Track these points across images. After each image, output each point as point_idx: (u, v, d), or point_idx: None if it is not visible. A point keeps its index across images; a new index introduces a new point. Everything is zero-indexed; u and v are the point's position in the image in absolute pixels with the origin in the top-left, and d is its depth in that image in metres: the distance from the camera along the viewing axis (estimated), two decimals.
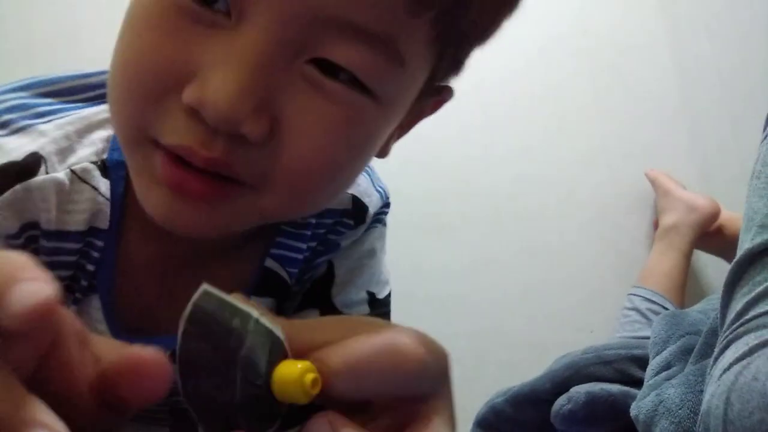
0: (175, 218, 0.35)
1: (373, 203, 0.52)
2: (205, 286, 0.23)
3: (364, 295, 0.53)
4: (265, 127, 0.32)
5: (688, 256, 1.17)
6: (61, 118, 0.42)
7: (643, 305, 1.10)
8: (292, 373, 0.23)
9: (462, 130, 1.28)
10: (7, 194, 0.39)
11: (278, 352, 0.23)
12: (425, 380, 0.25)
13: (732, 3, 1.46)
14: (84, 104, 0.44)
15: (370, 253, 0.54)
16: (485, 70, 1.33)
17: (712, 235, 1.19)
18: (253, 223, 0.39)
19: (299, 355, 0.24)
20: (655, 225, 1.28)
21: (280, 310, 0.51)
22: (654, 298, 1.10)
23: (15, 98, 0.43)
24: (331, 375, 0.23)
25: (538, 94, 1.34)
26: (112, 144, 0.43)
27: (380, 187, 0.55)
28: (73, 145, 0.42)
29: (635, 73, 1.39)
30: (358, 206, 0.51)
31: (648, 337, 1.00)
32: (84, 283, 0.43)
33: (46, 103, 0.43)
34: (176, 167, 0.33)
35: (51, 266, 0.40)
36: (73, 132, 0.42)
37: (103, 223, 0.42)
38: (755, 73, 1.41)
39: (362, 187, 0.52)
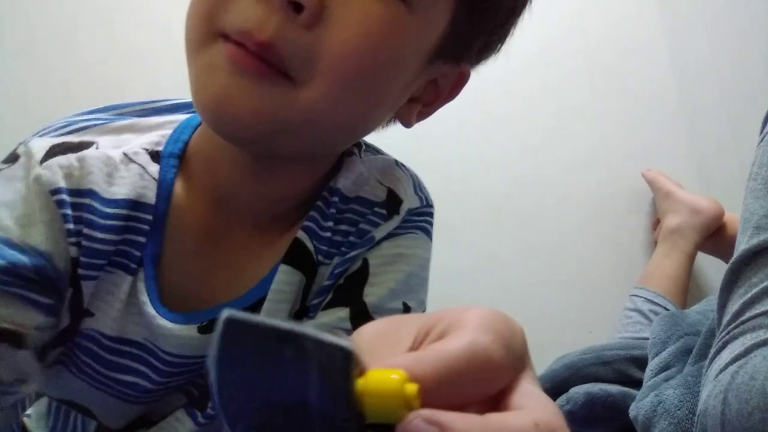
0: (227, 96, 0.39)
1: (409, 200, 0.54)
2: (227, 313, 0.19)
3: (399, 305, 0.51)
4: (317, 3, 0.38)
5: (691, 258, 1.17)
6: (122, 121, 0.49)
7: (645, 306, 1.10)
8: (389, 385, 0.19)
9: (461, 130, 1.28)
10: (62, 158, 0.44)
11: (354, 367, 0.20)
12: (509, 372, 0.24)
13: (731, 3, 1.46)
14: (148, 115, 0.51)
15: (408, 258, 0.53)
16: (484, 70, 1.33)
17: (712, 236, 1.19)
18: (294, 129, 0.42)
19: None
20: (654, 225, 1.28)
21: (306, 291, 0.51)
22: (656, 300, 1.10)
23: (93, 118, 0.50)
24: (423, 386, 0.21)
25: (537, 95, 1.34)
26: (168, 140, 0.49)
27: (423, 194, 0.57)
28: (127, 138, 0.48)
29: (634, 73, 1.39)
30: (392, 198, 0.53)
31: (648, 338, 1.01)
32: (136, 253, 0.46)
33: (119, 118, 0.50)
34: (238, 47, 0.39)
35: (104, 229, 0.45)
36: (128, 128, 0.49)
37: (150, 198, 0.46)
38: (754, 74, 1.41)
39: (401, 183, 0.55)
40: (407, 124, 0.52)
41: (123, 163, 0.46)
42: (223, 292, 0.50)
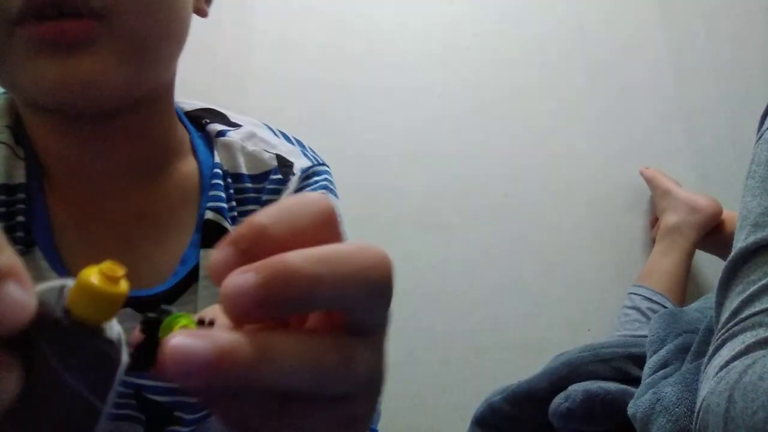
0: (68, 76, 0.40)
1: (299, 162, 0.57)
2: None
3: None
4: None
5: (690, 256, 1.17)
6: None
7: (644, 304, 1.10)
8: (85, 277, 0.19)
9: (458, 128, 1.28)
10: None
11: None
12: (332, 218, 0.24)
13: (731, 4, 1.46)
14: None
15: None
16: (481, 68, 1.33)
17: (710, 234, 1.19)
18: (134, 61, 0.43)
19: None
20: (652, 223, 1.28)
21: None
22: (655, 298, 1.10)
23: None
24: (266, 230, 0.22)
25: (535, 93, 1.34)
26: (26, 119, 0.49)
27: (313, 155, 0.60)
28: None
29: (631, 70, 1.39)
30: (282, 162, 0.57)
31: (647, 336, 1.01)
32: (21, 234, 0.47)
33: None
34: (45, 22, 0.39)
35: None
36: None
37: (20, 177, 0.47)
38: (752, 71, 1.41)
39: (285, 148, 0.58)
40: (203, 14, 0.54)
41: None
42: (135, 279, 0.49)
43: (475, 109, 1.30)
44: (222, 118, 0.59)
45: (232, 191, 0.54)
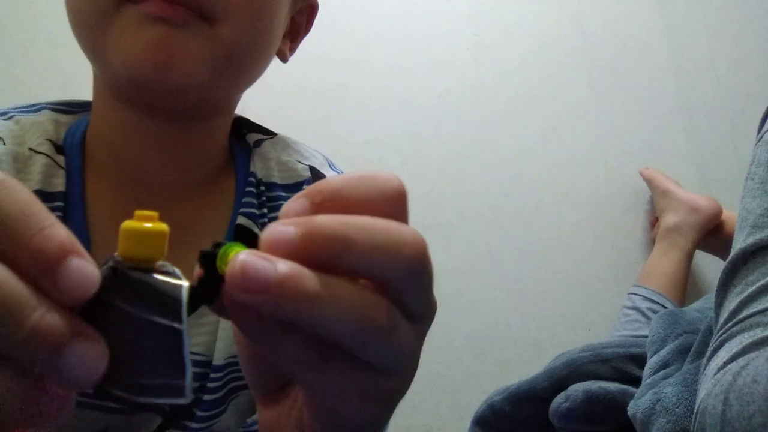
0: (171, 46, 0.43)
1: (329, 174, 0.59)
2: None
3: None
4: None
5: (690, 257, 1.17)
6: (11, 117, 0.50)
7: (644, 304, 1.10)
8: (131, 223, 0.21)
9: (459, 129, 1.28)
10: None
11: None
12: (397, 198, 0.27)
13: (729, 2, 1.46)
14: (27, 111, 0.52)
15: None
16: (482, 70, 1.33)
17: (710, 235, 1.20)
18: (223, 67, 0.46)
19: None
20: (652, 223, 1.29)
21: None
22: (655, 298, 1.11)
23: None
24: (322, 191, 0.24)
25: (536, 93, 1.34)
26: (66, 132, 0.51)
27: (338, 170, 0.62)
28: (29, 134, 0.50)
29: (633, 72, 1.39)
30: (315, 174, 0.58)
31: (647, 336, 1.01)
32: None
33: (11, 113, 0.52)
34: (160, 0, 0.42)
35: None
36: (26, 123, 0.50)
37: (58, 186, 0.48)
38: (753, 73, 1.41)
39: (318, 161, 0.59)
40: (284, 59, 0.57)
41: (31, 157, 0.48)
42: None
43: (475, 110, 1.30)
44: (258, 128, 0.61)
45: (264, 199, 0.55)
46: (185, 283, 0.22)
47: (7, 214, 0.20)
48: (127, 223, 0.22)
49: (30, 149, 0.49)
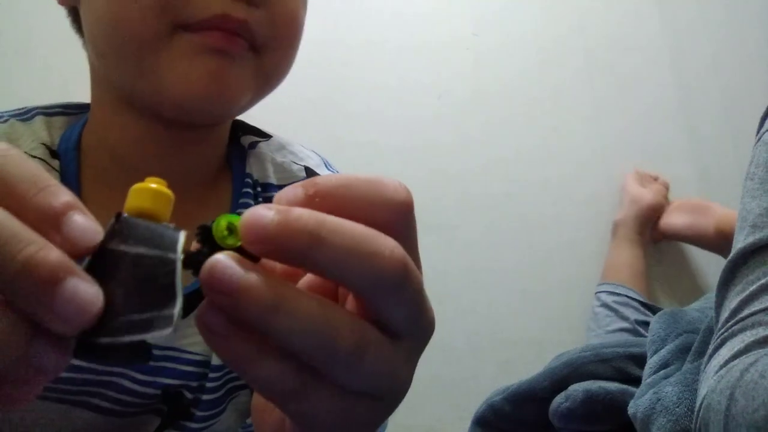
0: (225, 76, 0.44)
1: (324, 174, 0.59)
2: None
3: None
4: None
5: (640, 247, 1.22)
6: (6, 121, 0.50)
7: (609, 299, 1.14)
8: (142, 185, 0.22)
9: (460, 129, 1.28)
10: None
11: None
12: (400, 205, 0.27)
13: (730, 3, 1.46)
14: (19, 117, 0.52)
15: None
16: (483, 70, 1.33)
17: (712, 235, 1.21)
18: (258, 87, 0.48)
19: None
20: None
21: None
22: (617, 290, 1.15)
23: None
24: (322, 188, 0.24)
25: (536, 94, 1.34)
26: (61, 137, 0.51)
27: (334, 170, 0.63)
28: (23, 138, 0.49)
29: (632, 72, 1.39)
30: (310, 174, 0.58)
31: (623, 330, 1.03)
32: None
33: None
34: (219, 32, 0.43)
35: None
36: (19, 128, 0.50)
37: None
38: (753, 74, 1.41)
39: (314, 161, 0.60)
40: None
41: None
42: None
43: (475, 111, 1.30)
44: (253, 130, 0.61)
45: (261, 200, 0.55)
46: (184, 231, 0.23)
47: (14, 174, 0.20)
48: (136, 185, 0.23)
49: (25, 153, 0.48)
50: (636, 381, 0.72)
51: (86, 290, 0.20)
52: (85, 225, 0.21)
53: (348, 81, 1.26)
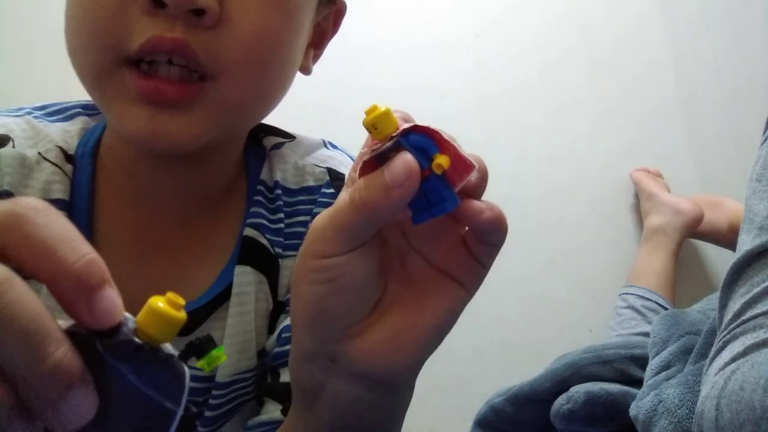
0: (157, 129, 0.40)
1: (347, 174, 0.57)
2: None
3: None
4: (216, 3, 0.39)
5: (675, 256, 1.21)
6: (22, 116, 0.49)
7: (638, 302, 1.12)
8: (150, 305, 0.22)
9: (461, 129, 1.28)
10: None
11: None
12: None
13: (732, 7, 1.46)
14: (53, 119, 0.51)
15: None
16: (484, 70, 1.33)
17: (726, 230, 1.22)
18: (227, 123, 0.44)
19: None
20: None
21: (273, 287, 0.52)
22: (647, 296, 1.13)
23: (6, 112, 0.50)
24: None
25: (537, 94, 1.34)
26: (79, 141, 0.49)
27: (341, 150, 0.61)
28: (39, 137, 0.48)
29: (633, 71, 1.39)
30: (333, 175, 0.56)
31: (647, 333, 1.02)
32: None
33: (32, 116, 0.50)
34: (148, 78, 0.39)
35: None
36: (41, 127, 0.49)
37: (58, 193, 0.46)
38: (754, 72, 1.41)
39: (337, 159, 0.57)
40: (307, 72, 0.54)
41: (39, 163, 0.47)
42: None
43: (476, 111, 1.30)
44: (275, 131, 0.59)
45: (281, 203, 0.53)
46: (188, 371, 0.23)
47: (56, 235, 0.21)
48: (157, 304, 0.22)
49: (39, 154, 0.47)
50: (638, 382, 0.72)
51: (88, 400, 0.20)
52: (112, 305, 0.21)
53: (349, 82, 1.26)
